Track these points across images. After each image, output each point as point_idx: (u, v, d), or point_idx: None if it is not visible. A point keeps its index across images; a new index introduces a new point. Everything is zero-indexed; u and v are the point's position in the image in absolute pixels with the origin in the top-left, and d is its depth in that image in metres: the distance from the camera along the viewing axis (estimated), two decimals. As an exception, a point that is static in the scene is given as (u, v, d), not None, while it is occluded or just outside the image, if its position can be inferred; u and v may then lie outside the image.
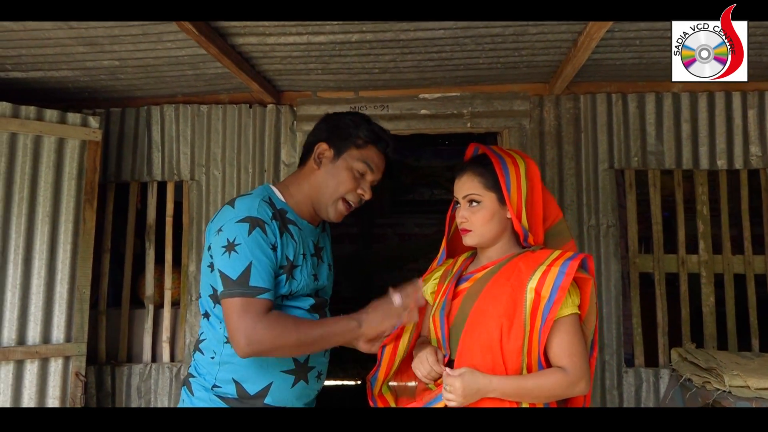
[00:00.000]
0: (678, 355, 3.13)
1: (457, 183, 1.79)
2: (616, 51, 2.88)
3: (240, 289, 1.54)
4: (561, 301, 1.61)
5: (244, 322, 1.52)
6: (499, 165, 1.74)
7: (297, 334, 1.56)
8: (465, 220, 1.75)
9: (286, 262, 1.64)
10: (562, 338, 1.63)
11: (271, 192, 1.74)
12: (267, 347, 1.55)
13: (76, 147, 3.19)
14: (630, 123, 3.37)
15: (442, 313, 1.76)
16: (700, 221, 3.35)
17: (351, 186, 1.74)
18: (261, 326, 1.52)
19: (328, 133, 1.75)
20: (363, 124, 1.76)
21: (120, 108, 3.60)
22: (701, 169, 3.35)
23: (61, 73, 3.11)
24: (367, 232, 8.21)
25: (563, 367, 1.62)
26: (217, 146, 3.56)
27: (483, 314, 1.68)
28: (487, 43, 2.78)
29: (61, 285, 3.12)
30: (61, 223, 3.14)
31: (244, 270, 1.55)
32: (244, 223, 1.59)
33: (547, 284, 1.62)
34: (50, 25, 2.51)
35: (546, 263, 1.67)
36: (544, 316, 1.61)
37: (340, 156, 1.73)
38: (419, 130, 3.54)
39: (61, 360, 3.09)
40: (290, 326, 1.56)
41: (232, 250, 1.57)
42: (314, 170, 1.74)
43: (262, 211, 1.63)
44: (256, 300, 1.54)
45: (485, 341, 1.65)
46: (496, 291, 1.69)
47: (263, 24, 2.56)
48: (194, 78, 3.26)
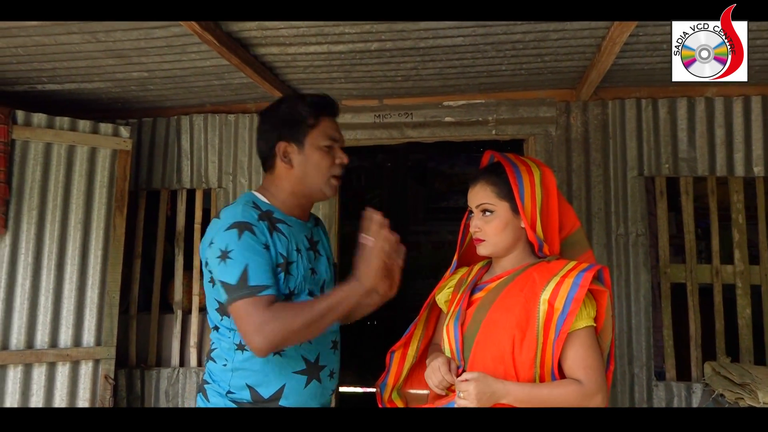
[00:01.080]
0: (711, 369, 3.03)
1: (470, 192, 1.77)
2: (643, 55, 2.80)
3: (241, 292, 1.54)
4: (575, 313, 1.56)
5: (252, 321, 1.52)
6: (512, 173, 1.71)
7: (303, 315, 1.53)
8: (478, 229, 1.72)
9: (281, 259, 1.64)
10: (577, 351, 1.59)
11: (254, 197, 1.74)
12: (281, 336, 1.53)
13: (107, 156, 3.29)
14: (660, 129, 3.28)
15: (456, 323, 1.73)
16: (735, 230, 3.23)
17: (328, 162, 1.74)
18: (268, 318, 1.52)
19: (278, 132, 1.73)
20: (300, 103, 1.74)
21: (151, 118, 3.71)
22: (736, 176, 3.23)
23: (94, 84, 3.22)
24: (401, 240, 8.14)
25: (578, 379, 1.58)
26: (243, 154, 3.62)
27: (495, 325, 1.65)
28: (508, 49, 2.75)
29: (91, 290, 3.22)
30: (93, 229, 3.25)
31: (241, 273, 1.55)
32: (233, 230, 1.58)
33: (560, 296, 1.57)
34: (79, 38, 2.60)
35: (560, 274, 1.63)
36: (557, 329, 1.57)
37: (303, 145, 1.72)
38: (444, 138, 3.52)
39: (91, 363, 3.19)
40: (296, 309, 1.55)
41: (226, 257, 1.57)
42: (288, 169, 1.73)
43: (247, 214, 1.62)
44: (259, 297, 1.54)
45: (497, 352, 1.62)
46: (509, 302, 1.66)
47: (283, 34, 2.60)
48: (221, 88, 3.32)
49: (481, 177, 1.75)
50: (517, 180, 1.69)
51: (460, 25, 2.48)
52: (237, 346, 1.65)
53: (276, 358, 1.65)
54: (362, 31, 2.55)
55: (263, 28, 2.53)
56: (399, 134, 3.52)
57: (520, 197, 1.68)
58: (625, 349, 3.20)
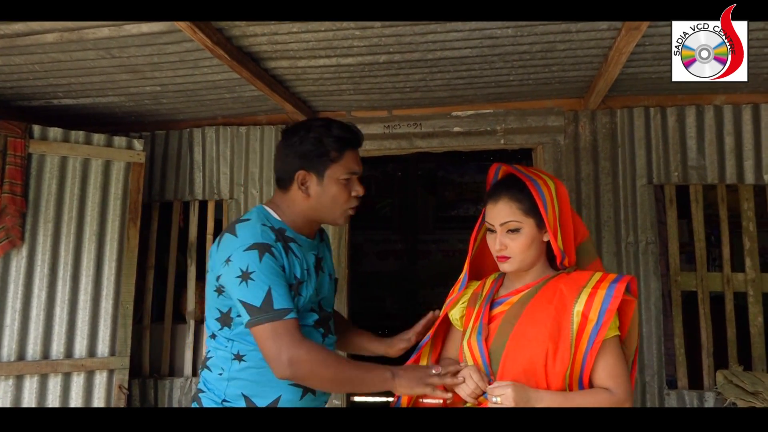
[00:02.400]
0: (723, 378, 3.02)
1: (491, 209, 1.71)
2: (650, 64, 2.82)
3: (267, 315, 1.56)
4: (608, 323, 1.57)
5: (281, 345, 1.55)
6: (534, 189, 1.68)
7: (335, 369, 1.58)
8: (504, 247, 1.68)
9: (294, 280, 1.67)
10: (606, 360, 1.60)
11: (267, 213, 1.74)
12: (306, 372, 1.57)
13: (121, 169, 3.35)
14: (669, 137, 3.28)
15: (479, 337, 1.71)
16: (746, 238, 3.22)
17: (346, 196, 1.75)
18: (303, 349, 1.55)
19: (300, 161, 1.72)
20: (325, 135, 1.72)
21: (164, 131, 3.77)
22: (746, 184, 3.22)
23: (108, 99, 3.28)
24: (412, 249, 8.21)
25: (608, 388, 1.60)
26: (255, 166, 3.67)
27: (524, 337, 1.64)
28: (515, 60, 2.77)
29: (106, 300, 3.27)
30: (107, 241, 3.30)
31: (265, 296, 1.57)
32: (253, 251, 1.60)
33: (594, 307, 1.59)
34: (94, 54, 2.66)
35: (590, 285, 1.64)
36: (591, 339, 1.58)
37: (323, 177, 1.72)
38: (452, 148, 3.55)
39: (106, 373, 3.23)
40: (331, 359, 1.60)
41: (248, 278, 1.58)
42: (304, 198, 1.73)
43: (266, 235, 1.64)
44: (285, 321, 1.56)
45: (528, 365, 1.62)
46: (538, 314, 1.65)
47: (292, 48, 2.64)
48: (232, 101, 3.38)
49: (504, 193, 1.71)
50: (540, 194, 1.67)
51: (467, 37, 2.51)
52: (234, 356, 1.67)
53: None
54: (371, 44, 2.59)
55: (273, 42, 2.57)
56: (408, 144, 3.55)
57: (545, 212, 1.67)
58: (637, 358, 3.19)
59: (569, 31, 2.46)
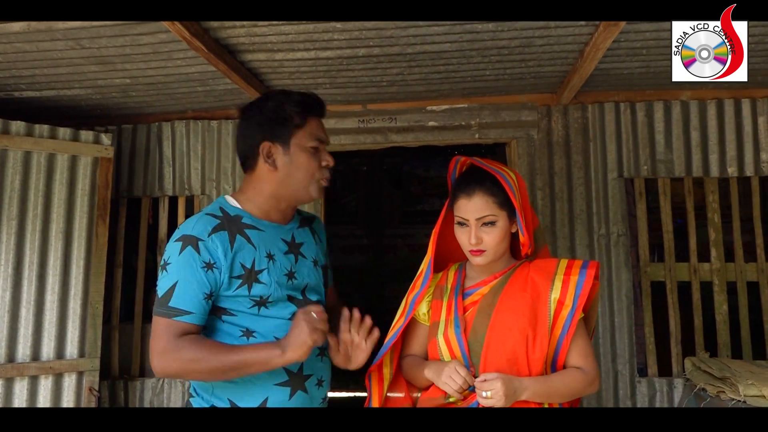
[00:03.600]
0: (692, 365, 3.11)
1: (466, 204, 1.71)
2: (623, 60, 2.88)
3: (161, 309, 1.53)
4: (581, 308, 1.65)
5: (156, 343, 1.52)
6: (504, 182, 1.72)
7: (208, 362, 1.51)
8: (480, 241, 1.69)
9: (243, 270, 1.58)
10: (577, 342, 1.68)
11: (224, 202, 1.68)
12: (175, 372, 1.55)
13: (88, 164, 3.24)
14: (639, 132, 3.37)
15: (457, 330, 1.72)
16: (711, 229, 3.34)
17: (315, 164, 1.68)
18: (171, 349, 1.50)
19: (262, 131, 1.64)
20: (285, 102, 1.66)
21: (131, 125, 3.66)
22: (712, 177, 3.34)
23: (74, 91, 3.16)
24: (377, 243, 8.23)
25: (580, 367, 1.68)
26: (227, 161, 3.60)
27: (504, 327, 1.66)
28: (493, 55, 2.79)
29: (74, 300, 3.16)
30: (74, 239, 3.19)
31: (168, 289, 1.53)
32: (178, 243, 1.57)
33: (569, 293, 1.66)
34: (62, 45, 2.56)
35: (561, 272, 1.70)
36: (567, 323, 1.65)
37: (289, 146, 1.64)
38: (427, 142, 3.55)
39: (75, 375, 3.12)
40: (202, 353, 1.52)
41: (164, 269, 1.56)
42: (271, 171, 1.65)
43: (200, 227, 1.58)
44: (172, 322, 1.51)
45: (510, 353, 1.65)
46: (514, 303, 1.68)
47: (271, 41, 2.60)
48: (204, 94, 3.30)
49: (478, 188, 1.72)
50: (509, 186, 1.71)
51: (448, 32, 2.52)
52: None
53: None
54: (351, 38, 2.57)
55: (252, 35, 2.53)
56: (383, 139, 3.54)
57: (517, 204, 1.71)
58: (609, 347, 3.28)
59: (548, 27, 2.49)
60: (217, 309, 1.60)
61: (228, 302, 1.61)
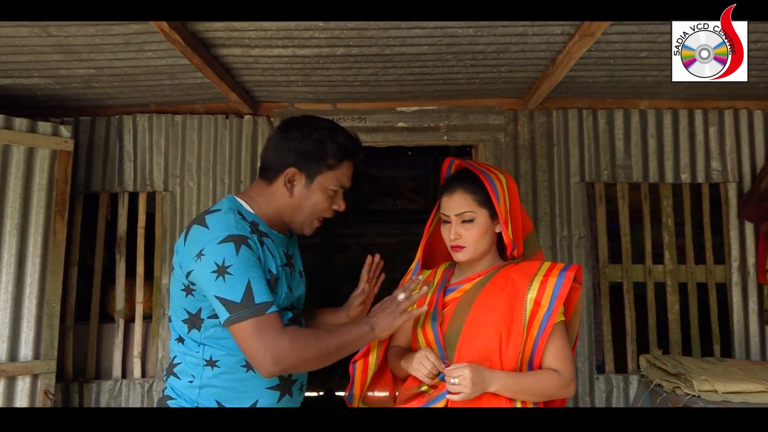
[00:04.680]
0: (646, 362, 3.25)
1: (447, 200, 1.80)
2: (590, 69, 2.99)
3: (248, 311, 1.48)
4: (558, 309, 1.69)
5: (265, 342, 1.48)
6: (488, 181, 1.78)
7: (319, 346, 1.55)
8: (458, 236, 1.77)
9: (270, 275, 1.59)
10: (554, 344, 1.71)
11: (239, 204, 1.66)
12: (293, 362, 1.53)
13: (46, 157, 3.09)
14: (600, 138, 3.50)
15: (434, 323, 1.78)
16: (665, 232, 3.50)
17: (326, 206, 1.70)
18: (285, 342, 1.49)
19: (296, 157, 1.64)
20: (330, 141, 1.66)
21: (89, 117, 3.51)
22: (666, 183, 3.50)
23: (32, 80, 3.02)
24: (330, 243, 8.18)
25: (556, 369, 1.71)
26: (192, 157, 3.51)
27: (480, 323, 1.72)
28: (468, 59, 2.84)
29: (29, 300, 3.01)
30: (30, 235, 3.03)
31: (245, 291, 1.49)
32: (229, 243, 1.52)
33: (546, 294, 1.70)
34: (27, 31, 2.43)
35: (541, 274, 1.75)
36: (543, 324, 1.68)
37: (313, 180, 1.65)
38: (397, 143, 3.58)
39: (29, 378, 2.98)
40: (312, 339, 1.56)
41: (225, 273, 1.50)
42: (285, 194, 1.67)
43: (241, 226, 1.57)
44: (267, 316, 1.49)
45: (484, 349, 1.70)
46: (492, 301, 1.74)
47: (249, 36, 2.55)
48: (171, 88, 3.21)
49: (459, 186, 1.80)
50: (493, 187, 1.77)
51: (429, 35, 2.54)
52: (206, 362, 1.59)
53: (249, 374, 1.60)
54: (331, 36, 2.56)
55: (231, 29, 2.48)
56: (352, 138, 3.53)
57: (498, 204, 1.77)
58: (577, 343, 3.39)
59: (525, 34, 2.55)
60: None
61: None
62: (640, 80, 3.16)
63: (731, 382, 2.68)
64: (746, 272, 3.43)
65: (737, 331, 3.41)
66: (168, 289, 3.39)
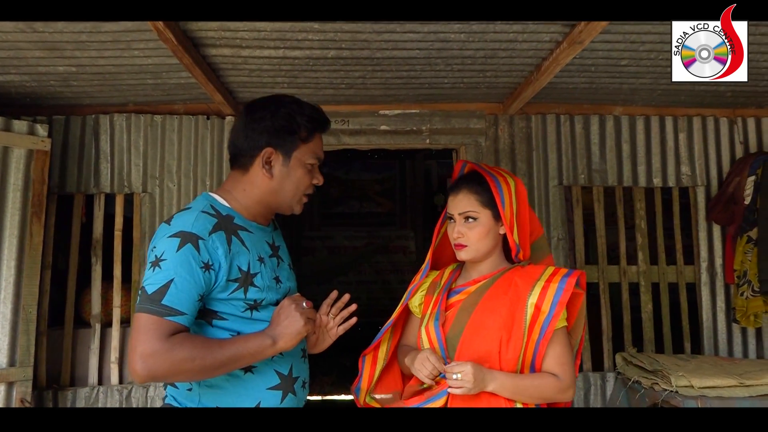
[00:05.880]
0: (622, 359, 3.36)
1: (452, 200, 1.86)
2: (572, 76, 3.07)
3: (150, 306, 1.43)
4: (559, 315, 1.72)
5: (142, 343, 1.40)
6: (493, 182, 1.83)
7: (202, 359, 1.44)
8: (461, 235, 1.81)
9: (239, 273, 1.54)
10: (555, 349, 1.75)
11: (212, 199, 1.61)
12: (163, 373, 1.44)
13: (22, 156, 2.99)
14: (577, 143, 3.60)
15: (436, 324, 1.81)
16: (638, 234, 3.63)
17: (307, 181, 1.67)
18: (161, 350, 1.40)
19: (269, 137, 1.60)
20: (299, 114, 1.63)
21: (64, 116, 3.40)
22: (639, 186, 3.63)
23: (7, 77, 2.92)
24: (296, 245, 8.14)
25: (556, 374, 1.74)
26: (171, 158, 3.45)
27: (481, 326, 1.76)
28: (456, 64, 2.89)
29: (3, 305, 2.91)
30: (5, 237, 2.93)
31: (161, 286, 1.43)
32: (175, 239, 1.47)
33: (547, 299, 1.73)
34: (12, 26, 2.36)
35: (543, 279, 1.78)
36: (543, 329, 1.72)
37: (290, 157, 1.62)
38: (379, 146, 3.60)
39: (4, 386, 2.87)
40: (195, 350, 1.44)
41: (157, 265, 1.45)
42: (266, 179, 1.62)
43: (199, 225, 1.51)
44: (164, 321, 1.42)
45: (484, 352, 1.73)
46: (494, 304, 1.78)
47: (242, 36, 2.54)
48: (152, 87, 3.15)
49: (464, 185, 1.86)
50: (498, 189, 1.82)
51: (422, 39, 2.58)
52: None
53: (248, 376, 1.58)
54: (325, 38, 2.56)
55: (224, 29, 2.46)
56: (336, 141, 3.54)
57: (502, 205, 1.81)
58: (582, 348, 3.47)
59: (515, 40, 2.61)
60: (208, 312, 1.54)
61: (220, 305, 1.55)
62: (617, 87, 3.27)
63: (706, 378, 2.80)
64: (714, 272, 3.59)
65: (706, 329, 3.56)
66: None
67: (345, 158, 7.79)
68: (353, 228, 8.42)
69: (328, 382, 5.92)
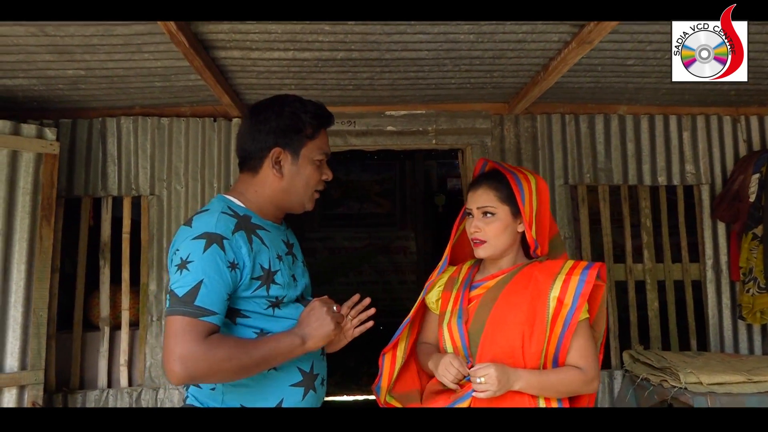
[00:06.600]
0: (630, 357, 3.38)
1: (471, 195, 1.89)
2: (578, 75, 3.09)
3: (183, 308, 1.45)
4: (582, 307, 1.74)
5: (181, 345, 1.42)
6: (513, 179, 1.86)
7: (239, 359, 1.48)
8: (478, 230, 1.84)
9: (262, 271, 1.56)
10: (578, 341, 1.76)
11: (228, 201, 1.63)
12: (203, 374, 1.46)
13: (31, 160, 2.98)
14: (582, 142, 3.62)
15: (459, 321, 1.82)
16: (644, 232, 3.65)
17: (317, 177, 1.70)
18: (200, 351, 1.43)
19: (276, 137, 1.63)
20: (303, 112, 1.66)
21: (70, 119, 3.41)
22: (644, 185, 3.65)
23: (16, 81, 2.91)
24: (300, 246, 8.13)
25: (580, 367, 1.75)
26: (179, 160, 3.45)
27: (503, 321, 1.77)
28: (465, 64, 2.90)
29: (15, 308, 2.90)
30: (15, 241, 2.92)
31: (192, 288, 1.46)
32: (200, 240, 1.50)
33: (569, 292, 1.75)
34: (24, 30, 2.36)
35: (564, 272, 1.80)
36: (567, 322, 1.73)
37: (298, 155, 1.65)
38: (386, 146, 3.61)
39: (16, 390, 2.86)
40: (233, 350, 1.48)
41: (184, 267, 1.48)
42: (276, 178, 1.64)
43: (222, 225, 1.53)
44: (199, 322, 1.44)
45: (507, 347, 1.75)
46: (514, 299, 1.79)
47: (252, 39, 2.54)
48: (160, 90, 3.15)
49: (484, 181, 1.89)
50: (518, 185, 1.84)
51: (431, 40, 2.59)
52: None
53: (272, 373, 1.60)
54: (335, 40, 2.57)
55: (235, 31, 2.47)
56: (342, 142, 3.55)
57: (522, 202, 1.83)
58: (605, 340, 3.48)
59: (524, 40, 2.63)
60: (231, 311, 1.57)
61: (244, 303, 1.58)
62: (623, 86, 3.29)
63: (714, 374, 2.82)
64: (719, 270, 3.61)
65: (712, 326, 3.58)
66: (156, 295, 3.35)
67: (345, 159, 7.82)
68: (353, 229, 8.44)
69: (332, 383, 5.90)
